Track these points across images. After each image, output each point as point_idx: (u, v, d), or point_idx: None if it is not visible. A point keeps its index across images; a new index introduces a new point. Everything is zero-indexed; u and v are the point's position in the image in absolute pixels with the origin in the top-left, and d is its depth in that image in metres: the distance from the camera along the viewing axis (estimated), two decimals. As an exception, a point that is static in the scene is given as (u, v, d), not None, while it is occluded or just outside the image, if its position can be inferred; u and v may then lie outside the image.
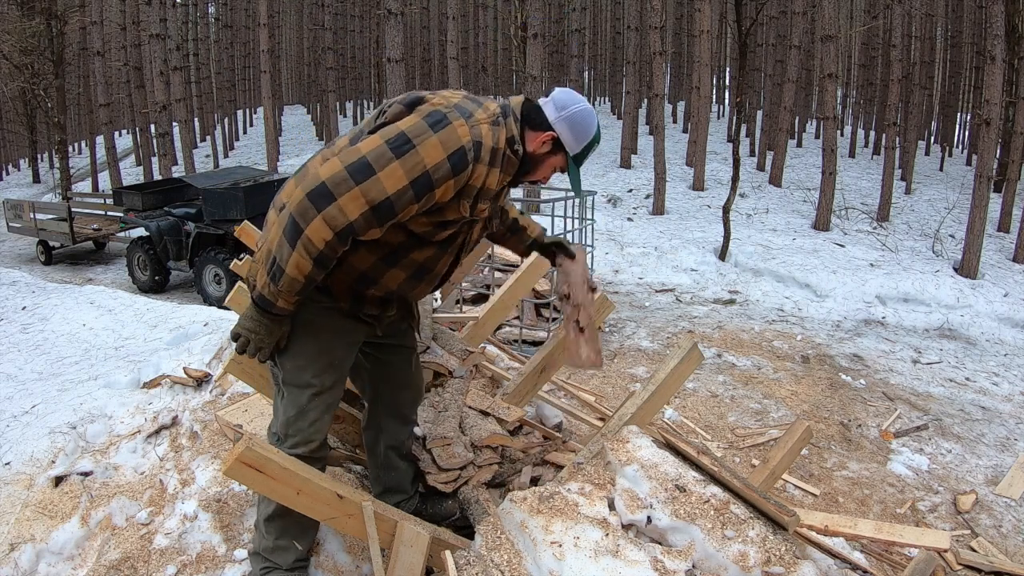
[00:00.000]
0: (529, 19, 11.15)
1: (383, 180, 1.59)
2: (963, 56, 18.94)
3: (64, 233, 10.39)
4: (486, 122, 1.72)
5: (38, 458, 2.75)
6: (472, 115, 1.70)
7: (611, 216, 10.61)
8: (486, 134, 1.70)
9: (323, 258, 1.63)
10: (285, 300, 1.70)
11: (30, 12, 15.35)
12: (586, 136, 1.84)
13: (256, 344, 1.76)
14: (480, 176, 1.71)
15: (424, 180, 1.62)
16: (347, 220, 1.59)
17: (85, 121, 23.71)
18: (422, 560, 1.79)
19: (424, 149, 1.61)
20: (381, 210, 1.61)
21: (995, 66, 8.30)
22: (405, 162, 1.60)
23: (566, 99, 1.83)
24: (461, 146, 1.64)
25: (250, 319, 1.75)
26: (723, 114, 22.84)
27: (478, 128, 1.69)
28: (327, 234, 1.59)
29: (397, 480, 2.18)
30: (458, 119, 1.66)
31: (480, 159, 1.69)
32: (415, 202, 1.64)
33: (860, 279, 7.76)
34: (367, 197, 1.58)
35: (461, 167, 1.65)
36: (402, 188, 1.60)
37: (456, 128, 1.64)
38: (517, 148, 1.78)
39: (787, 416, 4.41)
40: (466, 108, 1.71)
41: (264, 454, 1.63)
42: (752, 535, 1.67)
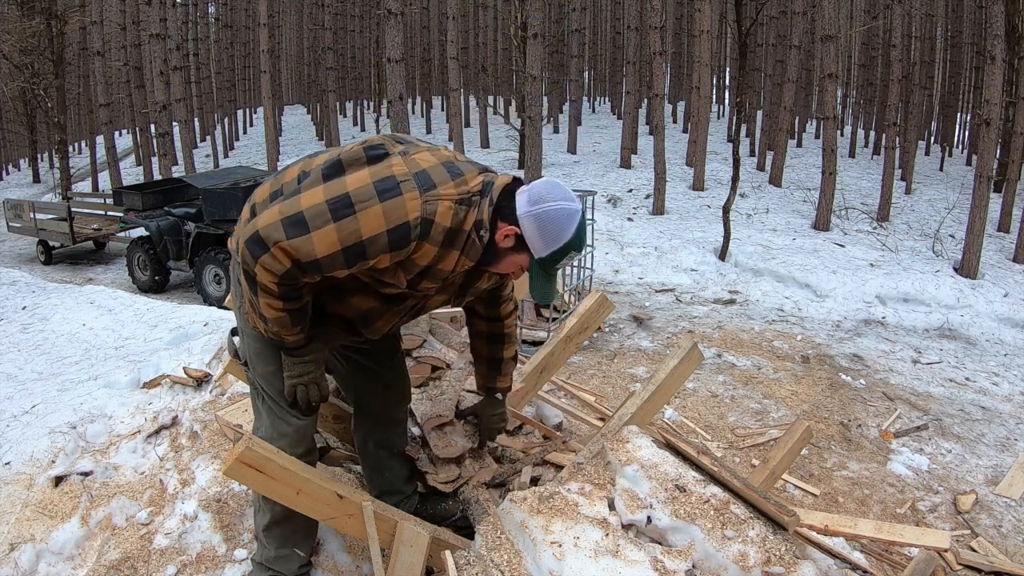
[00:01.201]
0: (529, 19, 11.15)
1: (315, 241, 1.51)
2: (963, 56, 18.93)
3: (64, 233, 10.39)
4: (450, 199, 1.57)
5: (38, 458, 2.75)
6: (433, 188, 1.55)
7: (611, 216, 10.61)
8: (443, 212, 1.55)
9: (286, 293, 1.60)
10: (289, 334, 1.69)
11: (30, 12, 15.35)
12: (556, 240, 1.60)
13: (313, 382, 1.75)
14: (427, 255, 1.59)
15: (357, 250, 1.53)
16: (282, 268, 1.55)
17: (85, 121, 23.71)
18: (422, 560, 1.79)
19: (364, 217, 1.51)
20: (308, 267, 1.55)
21: (995, 66, 8.30)
22: (341, 228, 1.51)
23: (543, 192, 1.62)
24: (405, 222, 1.52)
25: (291, 369, 1.75)
26: (723, 114, 22.84)
27: (434, 205, 1.54)
28: (272, 277, 1.56)
29: (391, 481, 2.17)
30: (411, 191, 1.53)
31: (428, 237, 1.55)
32: (345, 267, 1.57)
33: (860, 279, 7.76)
34: (296, 253, 1.52)
35: (401, 244, 1.54)
36: (332, 253, 1.53)
37: (405, 201, 1.52)
38: (484, 233, 1.62)
39: (787, 416, 4.41)
40: (429, 179, 1.56)
41: (264, 454, 1.63)
42: (752, 535, 1.67)
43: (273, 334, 1.71)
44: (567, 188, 1.64)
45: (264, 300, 1.61)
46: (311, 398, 1.77)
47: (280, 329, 1.67)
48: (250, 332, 1.84)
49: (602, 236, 9.11)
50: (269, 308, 1.62)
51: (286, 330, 1.67)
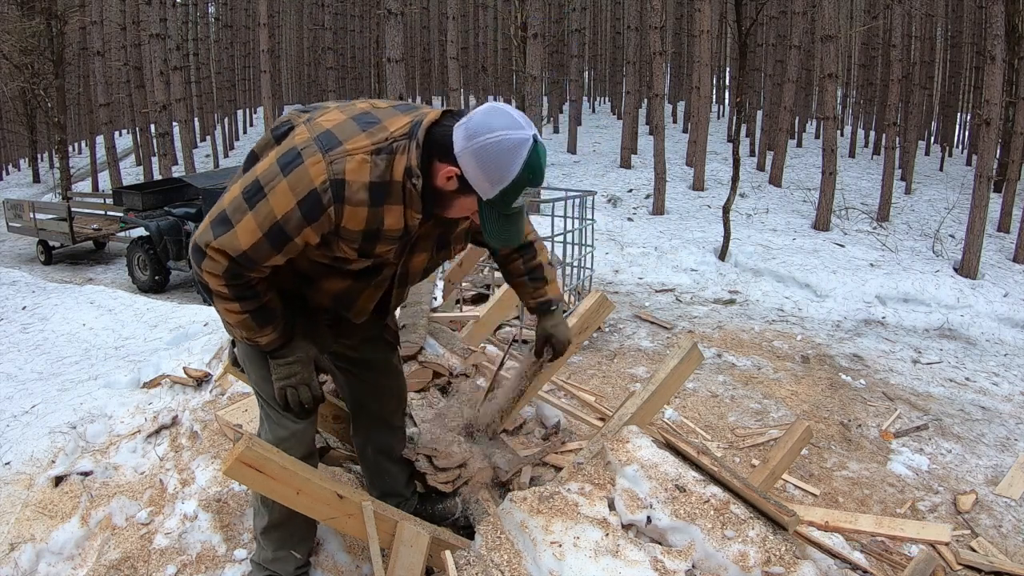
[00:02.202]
0: (529, 19, 11.16)
1: (239, 234, 1.47)
2: (963, 56, 18.94)
3: (64, 233, 10.39)
4: (361, 151, 1.43)
5: (38, 458, 2.75)
6: (339, 146, 1.42)
7: (611, 216, 10.61)
8: (355, 168, 1.42)
9: (239, 292, 1.55)
10: (260, 336, 1.63)
11: (30, 12, 15.35)
12: (502, 177, 1.41)
13: (303, 383, 1.68)
14: (358, 218, 1.47)
15: (276, 232, 1.46)
16: (221, 267, 1.50)
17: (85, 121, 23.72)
18: (422, 560, 1.79)
19: (273, 197, 1.44)
20: (242, 261, 1.50)
21: (995, 66, 8.30)
22: (257, 214, 1.45)
23: (482, 123, 1.41)
24: (312, 190, 1.42)
25: (277, 371, 1.69)
26: (723, 114, 22.84)
27: (341, 163, 1.41)
28: (219, 281, 1.53)
29: (391, 484, 2.17)
30: (313, 155, 1.42)
31: (344, 199, 1.43)
32: (275, 253, 1.50)
33: (860, 279, 7.76)
34: (226, 248, 1.48)
35: (315, 214, 1.44)
36: (257, 242, 1.47)
37: (308, 168, 1.41)
38: (416, 181, 1.46)
39: (787, 416, 4.41)
40: (333, 137, 1.44)
41: (264, 454, 1.63)
42: (752, 535, 1.67)
43: (247, 339, 1.65)
44: (514, 113, 1.43)
45: (222, 306, 1.58)
46: (303, 400, 1.70)
47: (247, 333, 1.62)
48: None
49: (602, 236, 9.11)
50: (229, 313, 1.59)
51: (254, 332, 1.62)
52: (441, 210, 1.55)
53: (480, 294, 5.77)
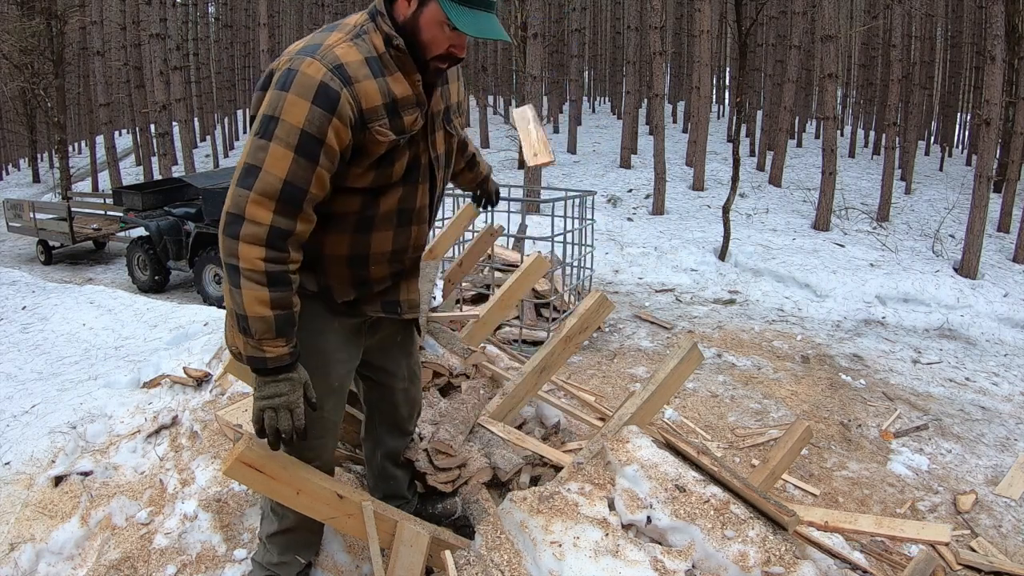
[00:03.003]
0: (529, 19, 11.15)
1: (270, 170, 1.43)
2: (963, 56, 18.94)
3: (64, 233, 10.39)
4: (342, 41, 1.51)
5: (38, 458, 2.75)
6: (320, 45, 1.50)
7: (611, 216, 10.61)
8: (345, 52, 1.49)
9: (274, 277, 1.46)
10: (271, 346, 1.50)
11: (30, 12, 15.35)
12: None
13: (285, 407, 1.53)
14: (370, 94, 1.50)
15: (306, 141, 1.44)
16: (265, 227, 1.43)
17: (85, 121, 23.72)
18: (422, 560, 1.79)
19: (287, 114, 1.43)
20: (288, 198, 1.44)
21: (995, 66, 8.30)
22: (278, 139, 1.43)
23: None
24: (319, 83, 1.44)
25: (261, 390, 1.54)
26: (723, 114, 22.84)
27: (331, 53, 1.48)
28: (258, 251, 1.44)
29: (395, 488, 2.16)
30: (303, 61, 1.46)
31: (353, 79, 1.48)
32: (315, 167, 1.46)
33: (860, 279, 7.76)
34: (266, 195, 1.43)
35: (332, 102, 1.45)
36: (292, 164, 1.43)
37: (305, 71, 1.45)
38: (397, 42, 1.54)
39: (787, 416, 4.41)
40: (312, 44, 1.51)
41: (264, 454, 1.63)
42: (752, 535, 1.67)
43: (254, 349, 1.50)
44: None
45: (250, 293, 1.45)
46: (281, 427, 1.53)
47: (265, 334, 1.48)
48: None
49: (602, 236, 9.11)
50: (255, 304, 1.46)
51: (268, 340, 1.49)
52: (426, 50, 1.56)
53: (480, 294, 5.78)
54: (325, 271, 1.66)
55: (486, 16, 1.53)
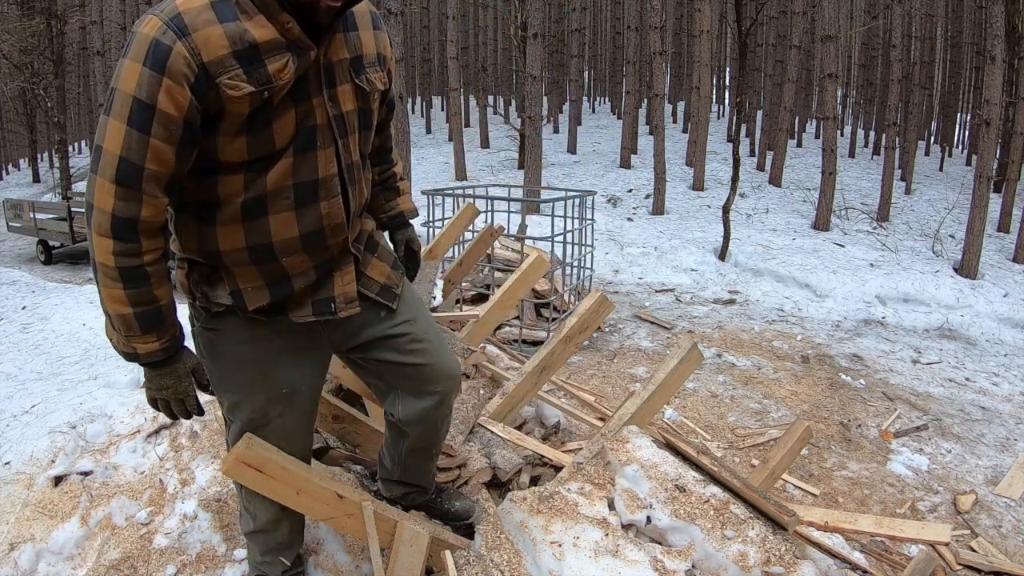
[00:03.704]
0: (529, 19, 11.15)
1: (107, 148, 1.27)
2: (963, 56, 18.95)
3: (64, 233, 10.40)
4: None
5: (38, 458, 2.75)
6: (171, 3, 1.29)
7: (611, 216, 10.61)
8: (185, 1, 1.28)
9: (127, 272, 1.33)
10: (140, 343, 1.39)
11: (30, 12, 15.35)
12: None
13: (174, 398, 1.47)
14: (212, 40, 1.27)
15: (138, 109, 1.25)
16: (108, 214, 1.29)
17: (85, 121, 23.72)
18: (422, 560, 1.79)
19: (122, 82, 1.26)
20: (125, 177, 1.27)
21: (995, 66, 8.30)
22: (114, 112, 1.27)
23: None
24: (151, 40, 1.25)
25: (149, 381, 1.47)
26: (723, 114, 22.85)
27: (171, 4, 1.28)
28: (107, 244, 1.30)
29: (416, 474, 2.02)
30: (143, 21, 1.28)
31: (190, 28, 1.26)
32: (147, 137, 1.26)
33: (860, 279, 7.76)
34: (106, 176, 1.28)
35: (160, 59, 1.24)
36: (125, 138, 1.26)
37: (141, 31, 1.27)
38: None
39: (787, 416, 4.41)
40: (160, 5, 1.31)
41: (264, 453, 1.63)
42: (752, 535, 1.66)
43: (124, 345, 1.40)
44: None
45: (106, 290, 1.34)
46: (176, 414, 1.51)
47: (127, 334, 1.38)
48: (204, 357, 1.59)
49: (602, 236, 9.11)
50: (113, 302, 1.35)
51: (134, 337, 1.38)
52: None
53: (480, 294, 5.78)
54: (230, 272, 1.48)
55: None
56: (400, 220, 1.90)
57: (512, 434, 2.44)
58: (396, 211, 1.89)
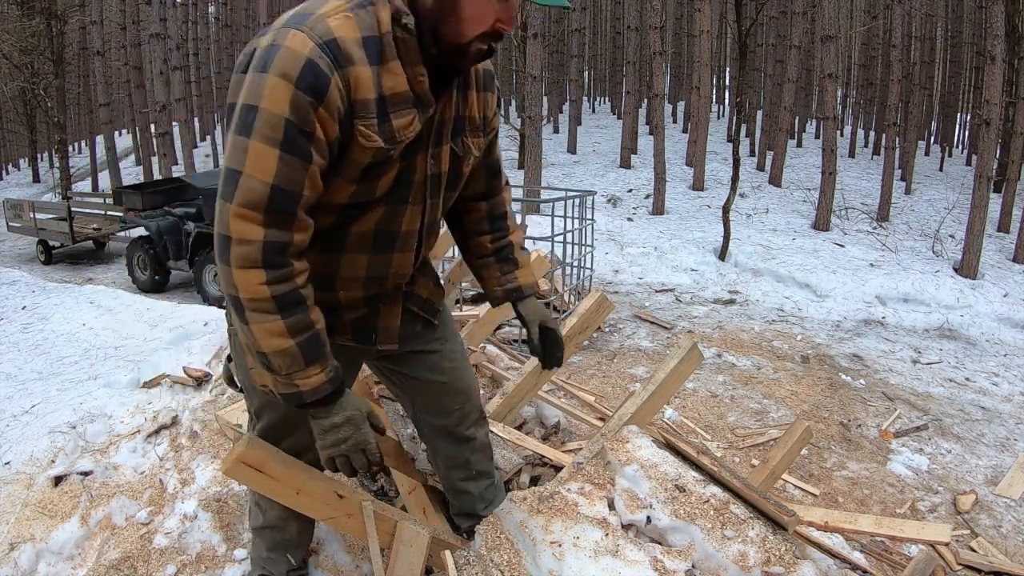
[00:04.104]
0: (529, 19, 11.15)
1: (252, 174, 1.18)
2: (963, 56, 18.95)
3: (64, 233, 10.40)
4: (338, 12, 1.22)
5: (38, 458, 2.75)
6: (312, 14, 1.21)
7: (611, 216, 10.61)
8: (339, 26, 1.20)
9: (284, 300, 1.23)
10: (303, 378, 1.28)
11: (30, 12, 15.36)
12: None
13: (355, 450, 1.37)
14: (364, 81, 1.21)
15: (291, 134, 1.17)
16: (258, 243, 1.19)
17: (85, 121, 23.74)
18: (422, 560, 1.79)
19: (267, 101, 1.16)
20: (279, 206, 1.19)
21: (995, 66, 8.30)
22: (259, 134, 1.17)
23: None
24: (306, 60, 1.16)
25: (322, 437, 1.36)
26: (723, 114, 22.84)
27: (323, 24, 1.19)
28: (257, 275, 1.20)
29: (467, 504, 1.99)
30: (288, 34, 1.18)
31: (346, 60, 1.19)
32: (307, 165, 1.20)
33: (860, 279, 7.76)
34: (251, 205, 1.18)
35: (320, 86, 1.17)
36: (279, 164, 1.18)
37: (289, 45, 1.17)
38: (406, 20, 1.24)
39: (787, 416, 4.41)
40: (302, 13, 1.22)
41: (264, 454, 1.62)
42: (752, 535, 1.66)
43: (284, 385, 1.29)
44: None
45: (260, 327, 1.23)
46: (357, 467, 1.39)
47: (292, 366, 1.26)
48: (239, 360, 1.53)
49: (602, 236, 9.11)
50: (270, 337, 1.23)
51: (297, 373, 1.27)
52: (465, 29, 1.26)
53: (480, 294, 5.77)
54: None
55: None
56: (518, 295, 1.76)
57: (512, 434, 2.44)
58: (514, 285, 1.75)
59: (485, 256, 1.74)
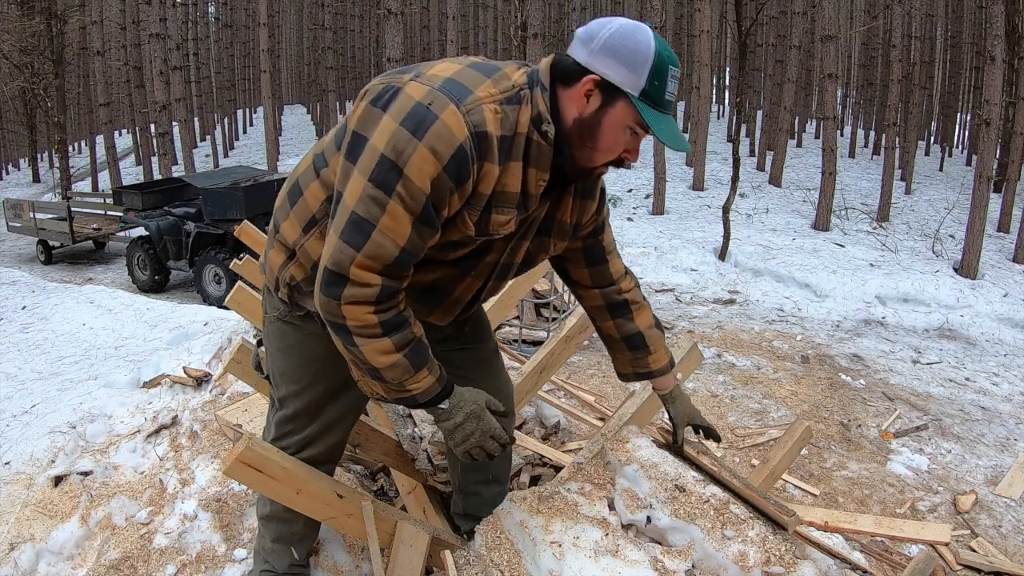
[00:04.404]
0: (529, 19, 11.15)
1: (387, 233, 1.22)
2: (963, 56, 18.95)
3: (64, 233, 10.40)
4: (493, 101, 1.23)
5: (38, 458, 2.75)
6: (470, 94, 1.22)
7: (611, 216, 10.61)
8: (491, 119, 1.22)
9: (390, 323, 1.29)
10: (414, 383, 1.35)
11: (30, 12, 15.36)
12: (645, 57, 1.22)
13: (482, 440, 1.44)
14: (490, 178, 1.26)
15: (428, 212, 1.23)
16: (373, 290, 1.25)
17: (85, 121, 23.74)
18: (422, 560, 1.79)
19: (414, 171, 1.19)
20: (402, 264, 1.26)
21: (995, 66, 8.30)
22: (400, 199, 1.21)
23: (595, 26, 1.27)
24: (458, 147, 1.19)
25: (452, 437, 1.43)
26: (723, 114, 22.84)
27: (480, 112, 1.21)
28: (367, 309, 1.26)
29: (477, 506, 1.99)
30: (446, 107, 1.19)
31: (486, 156, 1.23)
32: (431, 237, 1.28)
33: (860, 279, 7.76)
34: (377, 259, 1.24)
35: (463, 175, 1.22)
36: (411, 233, 1.23)
37: (445, 123, 1.18)
38: (547, 128, 1.26)
39: (787, 416, 4.41)
40: (460, 85, 1.23)
41: (264, 454, 1.62)
42: (752, 535, 1.66)
43: (397, 392, 1.37)
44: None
45: (369, 347, 1.29)
46: (491, 452, 1.47)
47: (403, 378, 1.34)
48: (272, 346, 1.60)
49: (602, 236, 9.10)
50: (379, 355, 1.30)
51: (408, 380, 1.34)
52: (589, 148, 1.30)
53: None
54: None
55: (669, 119, 1.29)
56: (649, 377, 1.80)
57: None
58: (645, 370, 1.78)
59: (614, 340, 1.79)
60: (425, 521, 1.99)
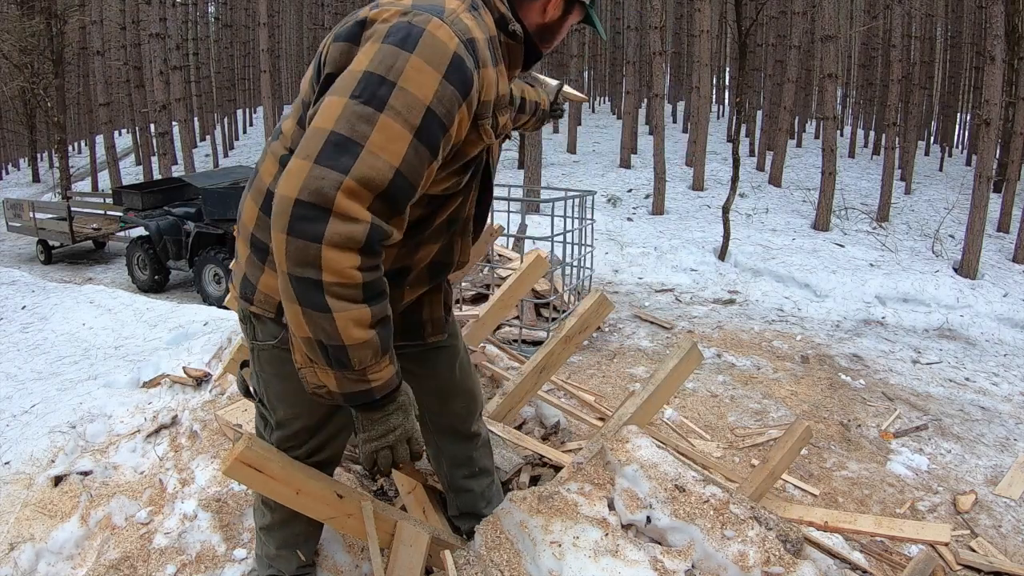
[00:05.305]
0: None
1: (378, 152, 1.07)
2: (963, 56, 18.95)
3: (64, 232, 10.40)
4: (464, 10, 1.21)
5: (38, 457, 2.75)
6: (443, 8, 1.18)
7: (611, 216, 10.61)
8: (473, 25, 1.20)
9: (372, 287, 1.12)
10: (376, 371, 1.17)
11: (30, 11, 15.36)
12: None
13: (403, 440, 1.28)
14: (489, 83, 1.23)
15: (431, 124, 1.11)
16: (364, 224, 1.08)
17: (85, 120, 23.73)
18: (422, 560, 1.79)
19: (410, 82, 1.09)
20: (395, 194, 1.10)
21: (995, 66, 8.30)
22: (394, 112, 1.08)
23: None
24: (454, 54, 1.13)
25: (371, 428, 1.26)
26: (723, 114, 22.84)
27: (460, 21, 1.18)
28: (351, 259, 1.07)
29: (469, 502, 1.99)
30: (430, 20, 1.14)
31: (483, 62, 1.20)
32: (433, 160, 1.14)
33: (860, 279, 7.76)
34: (368, 184, 1.07)
35: (467, 83, 1.15)
36: (408, 150, 1.09)
37: (435, 32, 1.13)
38: (514, 28, 1.31)
39: (787, 416, 4.41)
40: (429, 4, 1.18)
41: (264, 454, 1.62)
42: (752, 535, 1.66)
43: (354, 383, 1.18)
44: None
45: (345, 315, 1.09)
46: (398, 460, 1.30)
47: (369, 363, 1.16)
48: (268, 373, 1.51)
49: (602, 236, 9.11)
50: (354, 327, 1.11)
51: (376, 363, 1.17)
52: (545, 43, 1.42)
53: (480, 294, 5.77)
54: None
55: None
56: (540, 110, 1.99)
57: (512, 434, 2.44)
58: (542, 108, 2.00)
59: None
60: (425, 521, 1.99)
